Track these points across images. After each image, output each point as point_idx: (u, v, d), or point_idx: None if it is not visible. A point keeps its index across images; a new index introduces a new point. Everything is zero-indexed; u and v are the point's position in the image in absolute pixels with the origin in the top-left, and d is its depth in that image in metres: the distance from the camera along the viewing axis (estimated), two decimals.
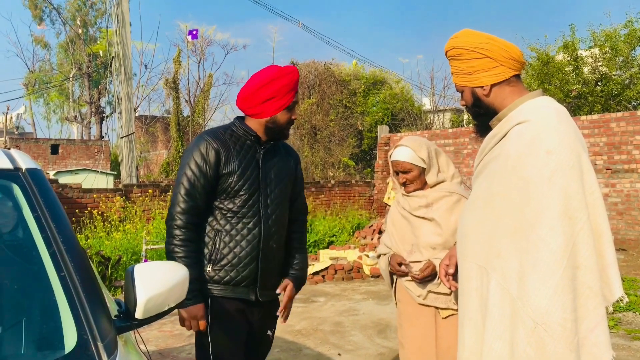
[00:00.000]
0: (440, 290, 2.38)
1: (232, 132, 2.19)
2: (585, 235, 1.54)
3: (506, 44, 1.77)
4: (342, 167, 16.87)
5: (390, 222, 2.63)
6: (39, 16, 29.65)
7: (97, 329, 1.23)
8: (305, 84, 18.05)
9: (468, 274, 1.76)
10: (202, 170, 2.10)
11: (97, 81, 27.60)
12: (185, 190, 2.10)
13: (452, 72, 1.86)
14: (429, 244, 2.42)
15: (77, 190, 8.36)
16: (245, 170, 2.14)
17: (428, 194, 2.49)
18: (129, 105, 10.71)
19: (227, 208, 2.13)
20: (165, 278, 1.43)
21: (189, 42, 19.91)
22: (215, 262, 2.12)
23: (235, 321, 2.15)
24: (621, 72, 13.69)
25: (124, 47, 10.60)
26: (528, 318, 1.53)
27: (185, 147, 3.19)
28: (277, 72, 2.15)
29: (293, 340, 4.80)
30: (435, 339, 2.41)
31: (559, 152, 1.58)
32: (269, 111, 2.15)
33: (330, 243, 9.69)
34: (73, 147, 22.43)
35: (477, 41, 1.77)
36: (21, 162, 1.58)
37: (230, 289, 2.13)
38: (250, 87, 2.16)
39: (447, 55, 1.85)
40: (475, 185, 1.84)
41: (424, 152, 2.48)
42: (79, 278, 1.30)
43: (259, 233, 2.15)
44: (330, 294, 6.71)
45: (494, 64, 1.75)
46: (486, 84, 1.76)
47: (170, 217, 2.11)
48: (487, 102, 1.79)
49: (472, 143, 10.85)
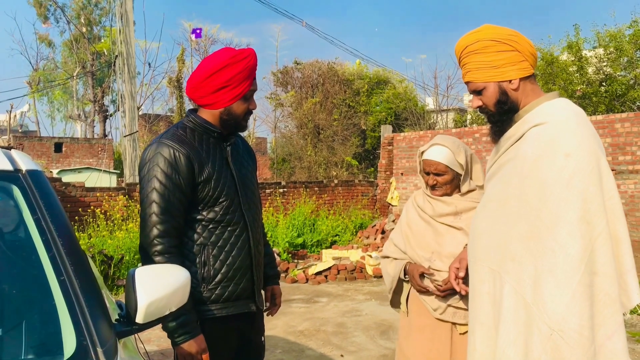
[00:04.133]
0: (461, 305, 2.21)
1: (192, 131, 1.93)
2: (603, 241, 1.51)
3: (527, 39, 1.72)
4: (345, 167, 16.83)
5: (405, 224, 2.42)
6: (44, 14, 29.66)
7: (97, 334, 1.21)
8: (308, 83, 18.00)
9: (480, 277, 1.72)
10: (174, 181, 1.82)
11: (101, 80, 27.62)
12: (159, 208, 1.80)
13: (472, 68, 1.74)
14: (453, 255, 2.18)
15: (80, 188, 8.36)
16: (220, 173, 1.91)
17: (457, 202, 2.30)
18: (132, 104, 10.71)
19: (209, 218, 1.90)
20: (167, 282, 1.41)
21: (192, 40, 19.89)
22: (209, 280, 1.89)
23: (226, 342, 1.96)
24: (626, 73, 13.60)
25: (128, 45, 10.59)
26: (543, 324, 1.50)
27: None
28: (231, 57, 1.88)
29: (295, 341, 4.78)
30: (450, 355, 2.24)
31: (577, 155, 1.54)
32: (223, 101, 1.90)
33: (333, 243, 9.67)
34: (76, 145, 22.44)
35: (506, 33, 1.70)
36: (21, 163, 1.55)
37: (231, 305, 1.93)
38: (200, 74, 1.90)
39: (467, 50, 1.74)
40: (489, 186, 1.79)
41: (462, 157, 2.28)
42: (79, 282, 1.28)
43: (247, 239, 1.96)
44: (332, 295, 6.69)
45: (521, 57, 1.69)
46: (515, 77, 1.69)
47: (148, 244, 1.80)
48: (513, 98, 1.71)
49: (475, 143, 10.80)
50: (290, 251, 8.85)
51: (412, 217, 2.42)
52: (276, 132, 19.63)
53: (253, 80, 1.95)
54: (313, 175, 16.63)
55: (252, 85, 1.95)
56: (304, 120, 17.46)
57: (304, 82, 18.08)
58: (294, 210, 10.22)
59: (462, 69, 1.80)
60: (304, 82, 18.08)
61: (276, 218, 9.76)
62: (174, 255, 1.81)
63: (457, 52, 1.79)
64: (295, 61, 18.56)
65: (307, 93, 17.84)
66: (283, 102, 18.76)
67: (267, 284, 2.27)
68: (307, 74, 18.06)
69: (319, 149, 17.25)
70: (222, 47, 2.02)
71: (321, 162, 17.05)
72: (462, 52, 1.76)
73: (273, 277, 2.29)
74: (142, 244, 1.84)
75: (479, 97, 1.77)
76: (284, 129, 19.47)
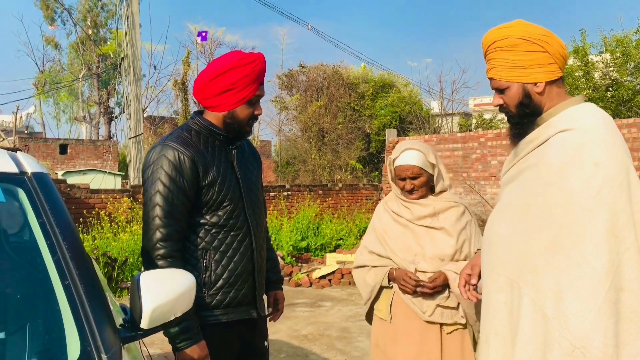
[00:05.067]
0: (449, 304, 2.24)
1: (197, 133, 1.90)
2: (631, 256, 1.43)
3: (560, 40, 1.64)
4: (350, 170, 16.81)
5: (381, 230, 2.40)
6: (51, 16, 29.83)
7: (102, 340, 1.19)
8: (313, 86, 18.01)
9: (497, 285, 1.66)
10: (178, 184, 1.79)
11: (107, 82, 27.74)
12: (163, 211, 1.77)
13: (497, 65, 1.65)
14: (437, 255, 2.26)
15: (85, 190, 8.37)
16: (225, 177, 1.88)
17: (434, 203, 2.34)
18: (137, 106, 10.73)
19: (212, 222, 1.86)
20: (172, 287, 1.39)
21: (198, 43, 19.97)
22: (210, 286, 1.86)
23: (227, 348, 1.93)
24: (632, 78, 13.54)
25: (134, 48, 10.62)
26: (565, 340, 1.43)
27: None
28: (238, 60, 1.84)
29: (299, 346, 4.76)
30: (440, 356, 2.24)
31: (607, 165, 1.46)
32: (227, 104, 1.87)
33: (337, 247, 9.64)
34: (82, 147, 22.52)
35: (537, 32, 1.60)
36: (27, 165, 1.54)
37: (232, 311, 1.90)
38: (206, 76, 1.88)
39: (495, 45, 1.65)
40: (505, 192, 1.73)
41: (432, 157, 2.33)
42: (83, 286, 1.26)
43: (250, 244, 1.93)
44: (336, 299, 6.66)
45: (550, 59, 1.61)
46: (541, 80, 1.61)
47: (151, 247, 1.78)
48: (537, 101, 1.63)
49: (480, 148, 10.76)
50: (294, 255, 8.83)
51: (386, 223, 2.41)
52: (281, 135, 19.65)
53: (260, 85, 1.91)
54: (317, 178, 16.62)
55: (259, 90, 1.91)
56: (309, 123, 17.46)
57: (309, 86, 18.09)
58: (298, 213, 10.20)
59: (486, 62, 1.71)
60: (309, 86, 18.09)
61: (280, 221, 9.74)
62: (177, 259, 1.79)
63: (484, 45, 1.70)
64: (300, 64, 18.60)
65: (312, 96, 17.85)
66: (288, 105, 18.78)
67: (269, 289, 2.25)
68: (312, 77, 18.07)
69: (323, 152, 17.24)
70: (232, 50, 1.98)
71: (325, 165, 17.04)
72: (490, 47, 1.67)
73: (276, 282, 2.27)
74: (145, 247, 1.81)
75: (500, 96, 1.69)
76: (288, 132, 19.50)
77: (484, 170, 10.69)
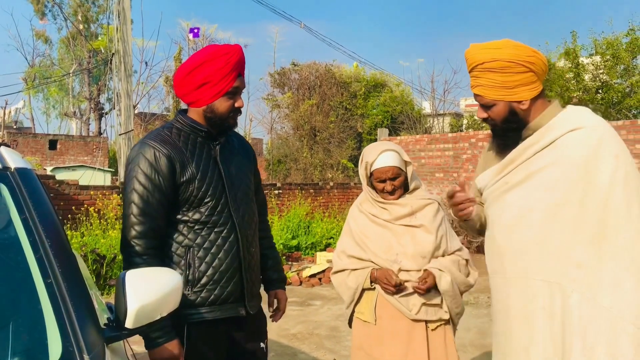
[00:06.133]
0: (433, 302, 2.27)
1: (178, 131, 1.90)
2: None
3: (544, 57, 1.71)
4: (341, 169, 16.80)
5: (359, 233, 2.39)
6: (41, 11, 29.54)
7: (84, 339, 1.16)
8: (305, 85, 17.97)
9: (531, 292, 1.64)
10: (155, 182, 1.79)
11: (97, 77, 27.51)
12: (138, 209, 1.78)
13: (484, 84, 1.70)
14: (419, 253, 2.27)
15: (74, 186, 8.28)
16: (206, 173, 1.86)
17: (411, 202, 2.35)
18: (128, 102, 10.64)
19: (194, 219, 1.85)
20: (158, 285, 1.37)
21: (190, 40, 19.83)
22: (194, 283, 1.84)
23: (214, 346, 1.90)
24: (622, 80, 13.64)
25: (125, 43, 10.53)
26: (630, 325, 1.49)
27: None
28: (211, 52, 1.83)
29: (288, 345, 4.74)
30: (427, 354, 2.25)
31: (624, 156, 1.59)
32: (205, 98, 1.85)
33: (327, 245, 9.63)
34: (71, 143, 22.34)
35: (524, 54, 1.67)
36: (10, 161, 1.50)
37: (217, 308, 1.87)
38: (182, 71, 1.87)
39: (483, 66, 1.69)
40: (514, 197, 1.71)
41: (405, 156, 2.37)
42: (67, 285, 1.24)
43: (236, 241, 1.90)
44: (326, 297, 6.65)
45: (534, 78, 1.68)
46: (526, 98, 1.68)
47: (126, 244, 1.79)
48: (522, 116, 1.71)
49: (471, 148, 10.80)
50: (284, 253, 8.81)
51: (363, 225, 2.40)
52: (272, 133, 19.59)
53: (237, 76, 1.88)
54: (309, 177, 16.59)
55: (236, 81, 1.88)
56: (301, 122, 17.42)
57: (301, 84, 18.05)
58: (288, 212, 10.18)
59: (471, 78, 1.75)
60: (301, 84, 18.05)
61: (271, 220, 9.71)
62: (152, 257, 1.78)
63: (470, 62, 1.73)
64: (292, 63, 18.55)
65: (304, 95, 17.81)
66: (280, 104, 18.73)
67: (270, 288, 2.23)
68: (305, 75, 18.02)
69: (315, 150, 17.22)
70: (209, 45, 1.98)
71: (317, 164, 17.02)
72: (477, 66, 1.71)
73: (277, 281, 2.24)
74: (121, 244, 1.82)
75: (486, 111, 1.75)
76: (280, 130, 19.44)
77: (474, 171, 10.70)
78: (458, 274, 2.29)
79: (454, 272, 2.27)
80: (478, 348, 4.55)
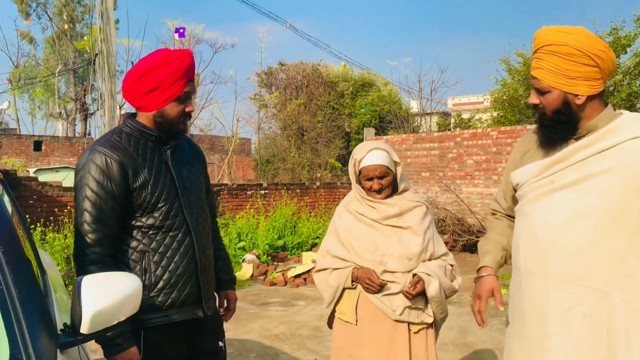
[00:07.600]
0: (417, 305, 2.24)
1: (128, 136, 1.88)
2: None
3: (614, 56, 1.63)
4: (329, 169, 16.81)
5: (345, 232, 2.37)
6: (25, 11, 29.25)
7: (34, 346, 1.15)
8: (293, 84, 17.96)
9: (574, 297, 1.60)
10: (107, 189, 1.77)
11: (83, 78, 27.30)
12: (91, 217, 1.75)
13: (545, 67, 1.63)
14: (405, 255, 2.24)
15: (57, 188, 8.20)
16: (158, 178, 1.86)
17: (400, 203, 2.33)
18: (112, 103, 10.56)
19: (148, 225, 1.84)
20: (116, 290, 1.36)
21: (176, 40, 19.71)
22: (151, 288, 1.84)
23: (173, 349, 1.90)
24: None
25: (108, 44, 10.44)
26: None
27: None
28: (162, 57, 1.83)
29: (270, 345, 4.73)
30: (409, 356, 2.24)
31: None
32: (155, 103, 1.85)
33: (313, 245, 9.62)
34: (57, 144, 22.13)
35: (595, 46, 1.58)
36: None
37: (175, 312, 1.88)
38: (132, 76, 1.85)
39: (549, 48, 1.62)
40: (565, 198, 1.66)
41: (395, 156, 2.34)
42: (18, 290, 1.22)
43: (191, 244, 1.90)
44: (311, 298, 6.65)
45: (599, 75, 1.60)
46: (584, 93, 1.60)
47: (80, 253, 1.76)
48: (575, 111, 1.63)
49: (457, 147, 10.85)
50: (270, 253, 8.79)
51: (350, 224, 2.38)
52: (260, 133, 19.55)
53: (188, 81, 1.88)
54: (297, 176, 16.58)
55: (187, 87, 1.88)
56: (288, 121, 17.41)
57: (288, 84, 18.04)
58: (275, 212, 10.16)
59: (534, 59, 1.68)
60: (288, 84, 18.04)
61: (257, 220, 9.69)
62: (107, 264, 1.76)
63: (538, 41, 1.66)
64: (279, 62, 18.54)
65: (292, 94, 17.80)
66: (267, 103, 18.69)
67: (220, 289, 2.23)
68: (292, 75, 18.01)
69: (302, 150, 17.21)
70: (158, 49, 1.95)
71: (305, 163, 17.02)
72: (543, 47, 1.64)
73: (228, 282, 2.25)
74: (75, 253, 1.79)
75: (539, 96, 1.67)
76: (267, 130, 19.41)
77: (460, 170, 10.78)
78: (445, 279, 2.27)
79: (441, 277, 2.25)
80: (459, 347, 4.57)
